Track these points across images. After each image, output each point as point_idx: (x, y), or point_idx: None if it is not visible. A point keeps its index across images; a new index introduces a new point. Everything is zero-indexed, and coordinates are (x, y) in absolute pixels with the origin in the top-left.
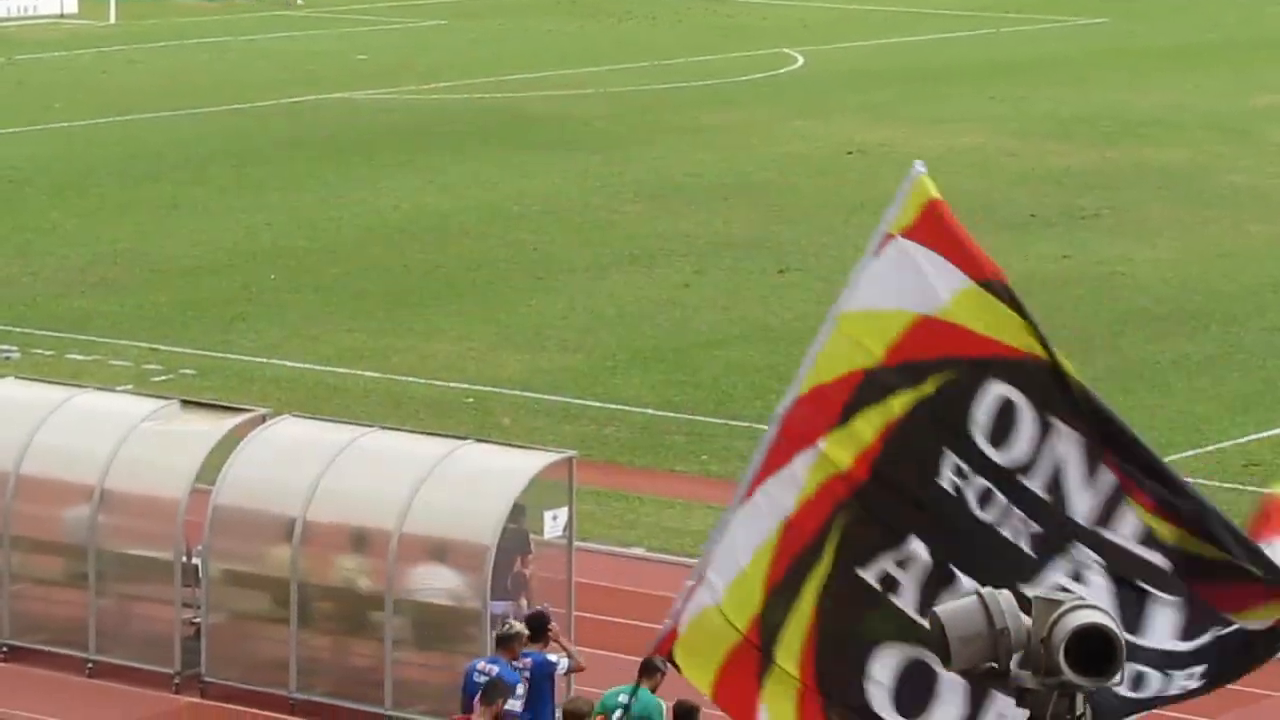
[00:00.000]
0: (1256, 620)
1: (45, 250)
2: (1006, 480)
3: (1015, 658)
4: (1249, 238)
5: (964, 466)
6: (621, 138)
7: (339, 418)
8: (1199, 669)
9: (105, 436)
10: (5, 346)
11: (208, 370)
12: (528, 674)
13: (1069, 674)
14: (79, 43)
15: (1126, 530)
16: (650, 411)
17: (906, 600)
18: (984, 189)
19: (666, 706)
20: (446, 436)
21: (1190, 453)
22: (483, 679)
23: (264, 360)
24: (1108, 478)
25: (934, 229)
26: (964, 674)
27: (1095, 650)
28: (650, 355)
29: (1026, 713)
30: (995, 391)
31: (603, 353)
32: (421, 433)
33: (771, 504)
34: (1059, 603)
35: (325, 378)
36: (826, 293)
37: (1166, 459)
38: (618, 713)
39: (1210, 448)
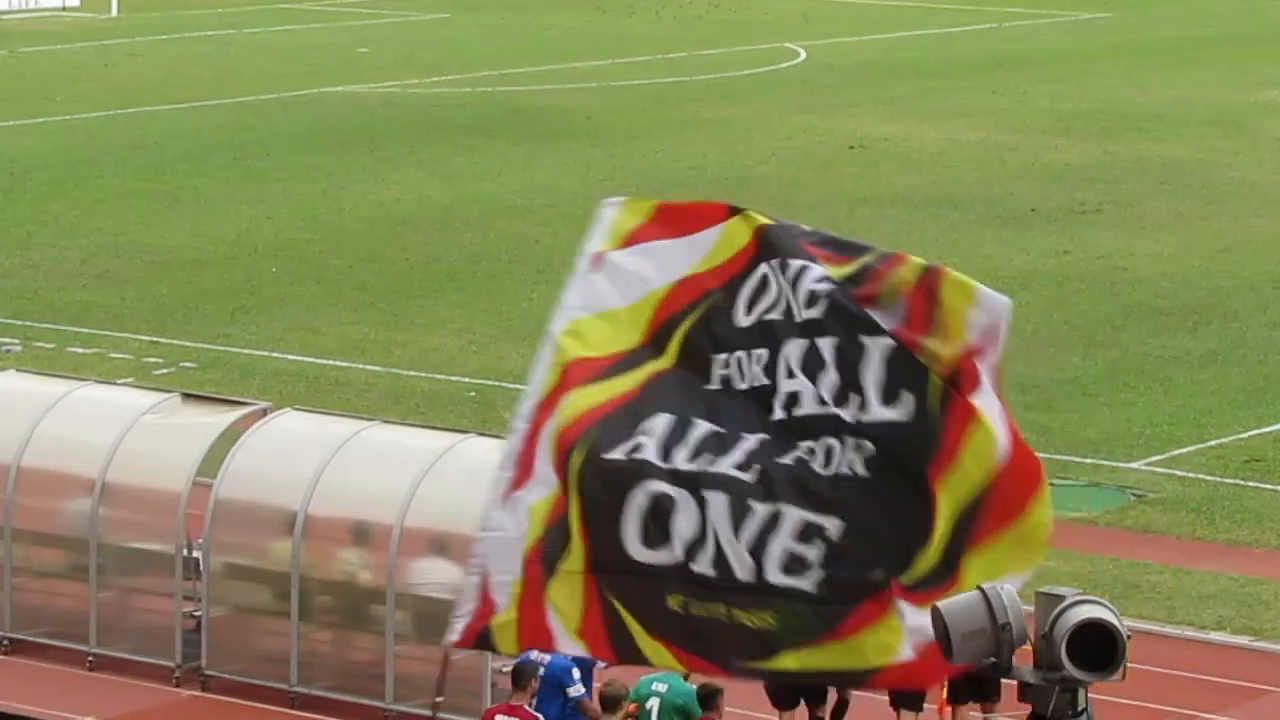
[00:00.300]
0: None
1: (46, 242)
2: (751, 332)
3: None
4: (1250, 233)
5: (728, 358)
6: (624, 131)
7: (341, 411)
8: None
9: (106, 429)
10: (6, 339)
11: (209, 363)
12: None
13: (1071, 669)
14: (80, 35)
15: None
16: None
17: (650, 452)
18: (984, 183)
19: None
20: (448, 430)
21: (1192, 448)
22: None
23: (265, 353)
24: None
25: (665, 223)
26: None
27: (1097, 645)
28: None
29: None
30: (759, 273)
31: None
32: (423, 426)
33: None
34: (1061, 597)
35: (327, 371)
36: None
37: (1168, 454)
38: (652, 700)
39: (1212, 443)
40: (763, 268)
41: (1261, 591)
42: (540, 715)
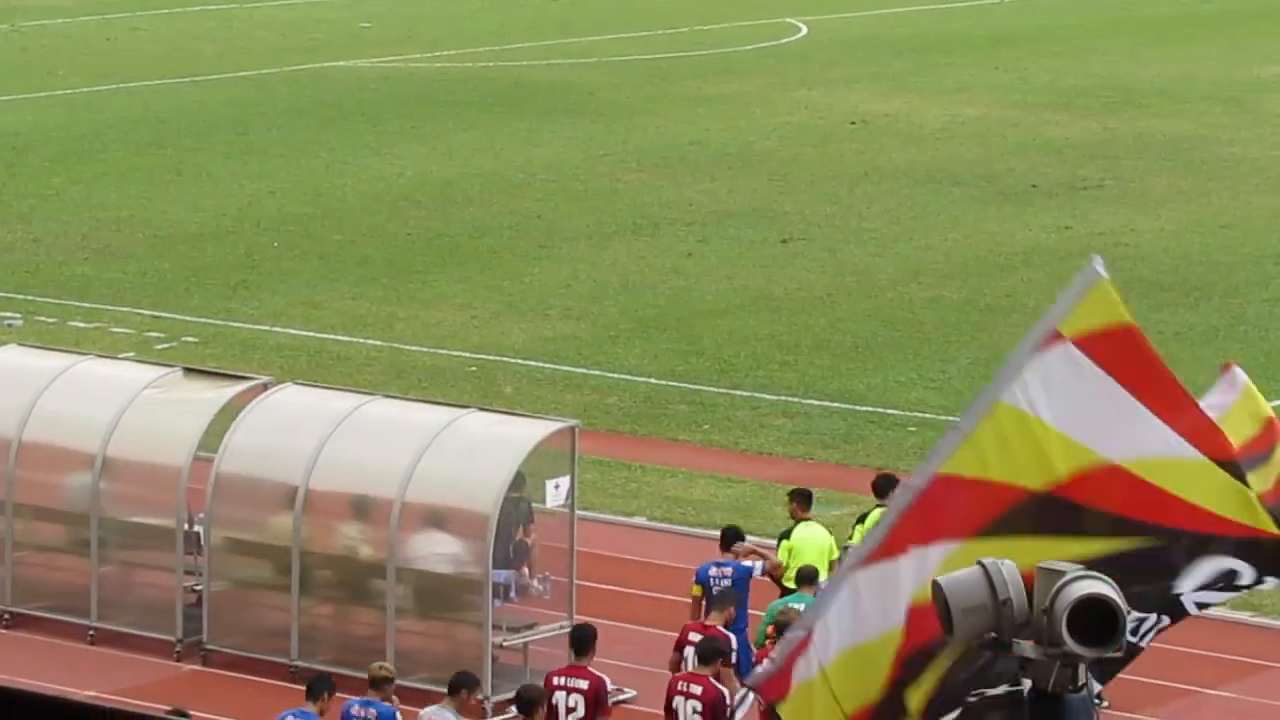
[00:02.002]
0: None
1: (48, 217)
2: None
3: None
4: (1251, 209)
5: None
6: (625, 106)
7: (342, 386)
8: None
9: (108, 404)
10: (8, 314)
11: (210, 338)
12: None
13: (1071, 644)
14: (83, 9)
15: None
16: (653, 381)
17: None
18: (985, 159)
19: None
20: (449, 405)
21: None
22: None
23: (267, 328)
24: None
25: (1124, 356)
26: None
27: (1098, 620)
28: (653, 324)
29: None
30: (1215, 563)
31: (606, 322)
32: (424, 401)
33: (896, 586)
34: (1061, 573)
35: (328, 345)
36: (829, 262)
37: None
38: None
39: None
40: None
41: None
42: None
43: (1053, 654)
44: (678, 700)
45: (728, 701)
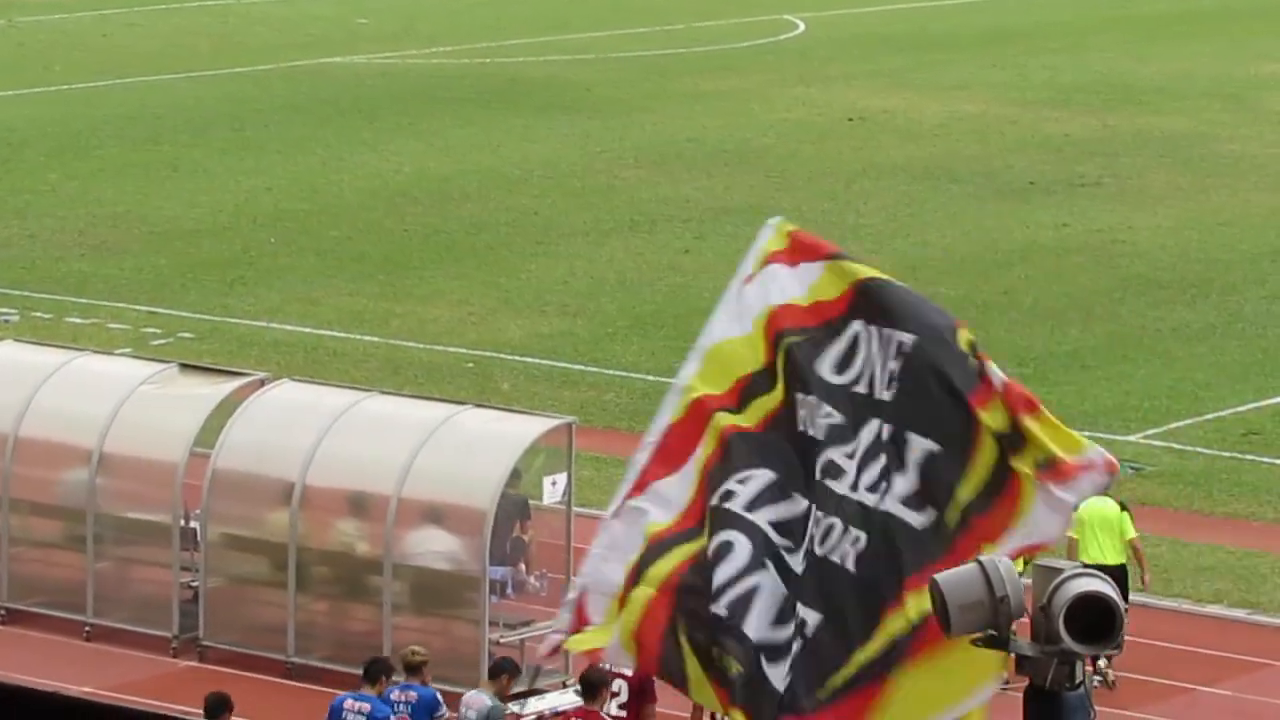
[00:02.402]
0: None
1: (44, 212)
2: (834, 390)
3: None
4: (1249, 206)
5: (805, 399)
6: (622, 103)
7: (338, 382)
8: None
9: (104, 400)
10: (4, 310)
11: (207, 334)
12: (405, 707)
13: (1069, 642)
14: (79, 5)
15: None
16: (650, 377)
17: (738, 501)
18: (984, 156)
19: None
20: (446, 401)
21: (1189, 420)
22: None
23: (263, 324)
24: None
25: (795, 250)
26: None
27: (1095, 618)
28: (650, 321)
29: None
30: (852, 331)
31: (603, 318)
32: (421, 397)
33: (663, 500)
34: (1058, 570)
35: (325, 342)
36: None
37: (1166, 427)
38: None
39: (1209, 416)
40: (856, 326)
41: (1259, 564)
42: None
43: (1050, 651)
44: None
45: None
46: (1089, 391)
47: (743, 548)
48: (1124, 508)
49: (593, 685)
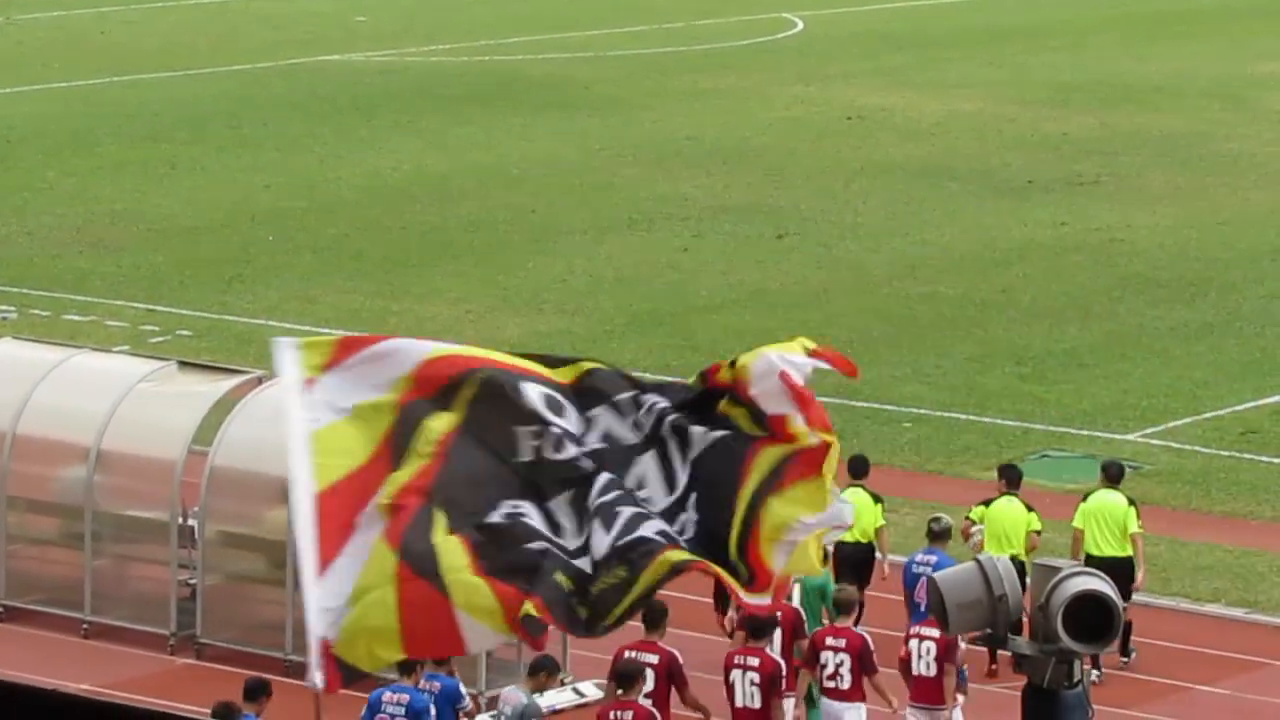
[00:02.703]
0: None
1: (42, 210)
2: (570, 437)
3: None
4: (1248, 205)
5: (538, 429)
6: (621, 101)
7: None
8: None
9: (102, 397)
10: (2, 307)
11: (205, 331)
12: (429, 697)
13: (1066, 640)
14: (77, 2)
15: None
16: (648, 375)
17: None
18: (982, 154)
19: None
20: None
21: (1188, 419)
22: (394, 709)
23: (262, 321)
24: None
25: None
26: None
27: (1092, 617)
28: (648, 319)
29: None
30: (534, 389)
31: (601, 316)
32: None
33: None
34: (1056, 569)
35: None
36: (825, 257)
37: (1164, 426)
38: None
39: (1208, 415)
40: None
41: (1256, 563)
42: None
43: (1048, 650)
44: (735, 674)
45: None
46: (1087, 390)
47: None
48: (1131, 502)
49: (629, 676)
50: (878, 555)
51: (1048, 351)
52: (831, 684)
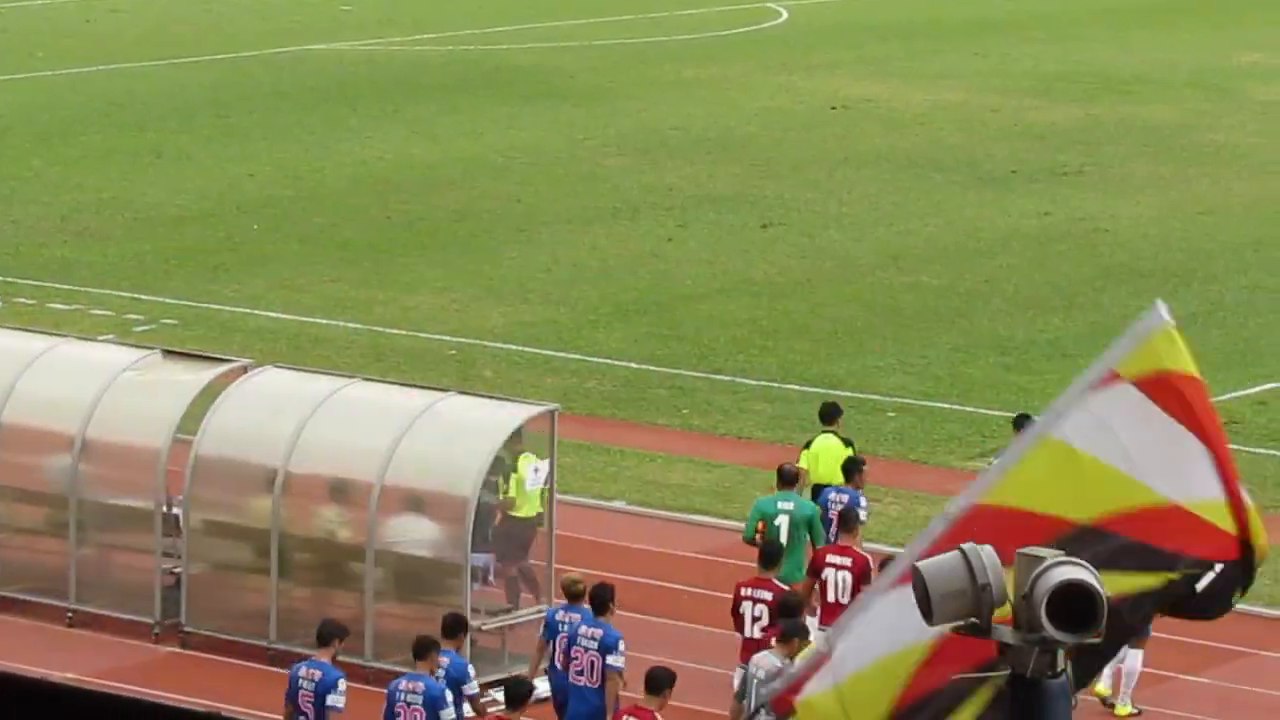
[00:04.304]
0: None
1: (27, 198)
2: None
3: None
4: (1231, 196)
5: None
6: (606, 91)
7: (321, 368)
8: None
9: (87, 386)
10: None
11: (190, 320)
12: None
13: (1050, 630)
14: None
15: None
16: (632, 365)
17: None
18: (966, 144)
19: None
20: (429, 388)
21: None
22: (412, 697)
23: (247, 310)
24: None
25: (1185, 404)
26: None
27: (1077, 606)
28: (633, 308)
29: None
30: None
31: (585, 306)
32: (404, 384)
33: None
34: (1040, 559)
35: (308, 328)
36: (809, 247)
37: None
38: (780, 517)
39: None
40: None
41: None
42: None
43: (1031, 639)
44: (745, 605)
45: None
46: (1071, 380)
47: None
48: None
49: (658, 682)
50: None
51: (1031, 341)
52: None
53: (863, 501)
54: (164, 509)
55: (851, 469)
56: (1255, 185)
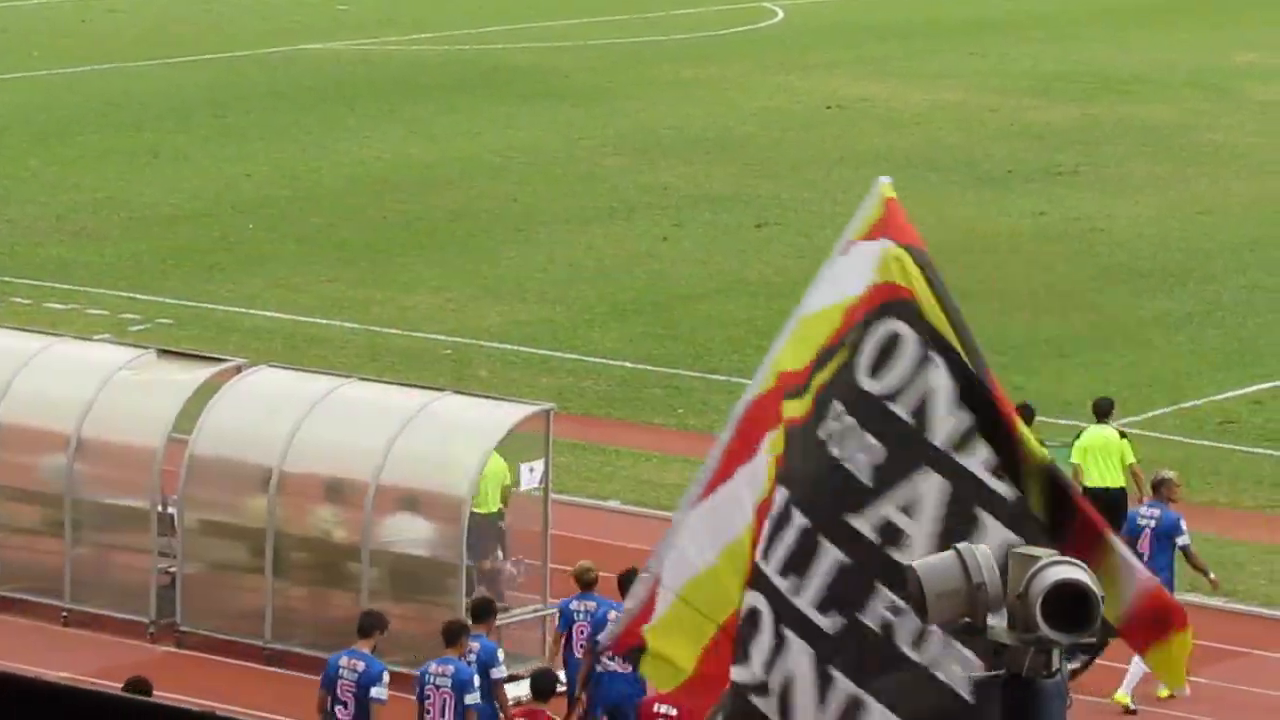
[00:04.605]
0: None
1: (24, 198)
2: (871, 406)
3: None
4: (1229, 195)
5: (840, 406)
6: (603, 90)
7: (317, 368)
8: None
9: (82, 385)
10: None
11: (186, 320)
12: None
13: (1045, 630)
14: None
15: (980, 457)
16: (628, 364)
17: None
18: (964, 144)
19: None
20: (424, 388)
21: (1168, 409)
22: (441, 680)
23: (243, 310)
24: (977, 405)
25: (886, 225)
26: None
27: (1072, 606)
28: (629, 308)
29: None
30: (886, 327)
31: (582, 305)
32: (399, 384)
33: (737, 501)
34: (1035, 558)
35: (304, 328)
36: (805, 247)
37: (1145, 415)
38: None
39: (1188, 404)
40: (895, 325)
41: (1236, 553)
42: None
43: (1027, 639)
44: None
45: None
46: (1068, 380)
47: (765, 617)
48: (1123, 435)
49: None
50: None
51: (1028, 341)
52: None
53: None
54: (159, 508)
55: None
56: (1253, 185)
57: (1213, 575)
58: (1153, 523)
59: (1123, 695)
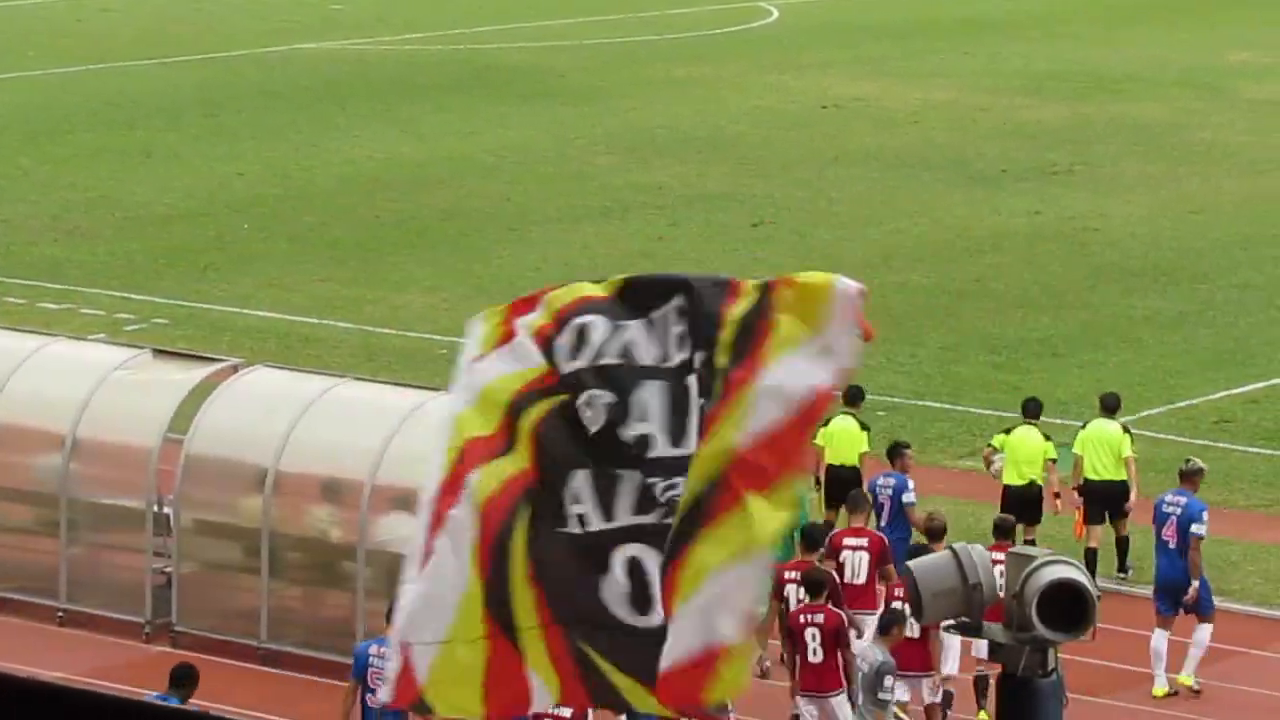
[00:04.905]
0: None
1: (17, 197)
2: (587, 376)
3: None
4: (1221, 194)
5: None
6: (596, 90)
7: (311, 368)
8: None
9: (77, 385)
10: None
11: (180, 319)
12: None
13: (1041, 629)
14: None
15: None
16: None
17: (596, 521)
18: (957, 144)
19: None
20: (419, 387)
21: (1162, 409)
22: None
23: (237, 310)
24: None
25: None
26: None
27: (1068, 605)
28: None
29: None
30: (574, 323)
31: None
32: (394, 383)
33: (455, 541)
34: (1031, 558)
35: (298, 328)
36: (799, 246)
37: (1138, 415)
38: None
39: (1181, 404)
40: (599, 321)
41: (1229, 552)
42: None
43: (1022, 639)
44: (789, 588)
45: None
46: (1061, 379)
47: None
48: (1126, 430)
49: (817, 584)
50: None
51: (1021, 340)
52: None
53: (910, 484)
54: (155, 508)
55: (894, 454)
56: (1245, 183)
57: (1195, 584)
58: (1178, 510)
59: (1186, 677)
